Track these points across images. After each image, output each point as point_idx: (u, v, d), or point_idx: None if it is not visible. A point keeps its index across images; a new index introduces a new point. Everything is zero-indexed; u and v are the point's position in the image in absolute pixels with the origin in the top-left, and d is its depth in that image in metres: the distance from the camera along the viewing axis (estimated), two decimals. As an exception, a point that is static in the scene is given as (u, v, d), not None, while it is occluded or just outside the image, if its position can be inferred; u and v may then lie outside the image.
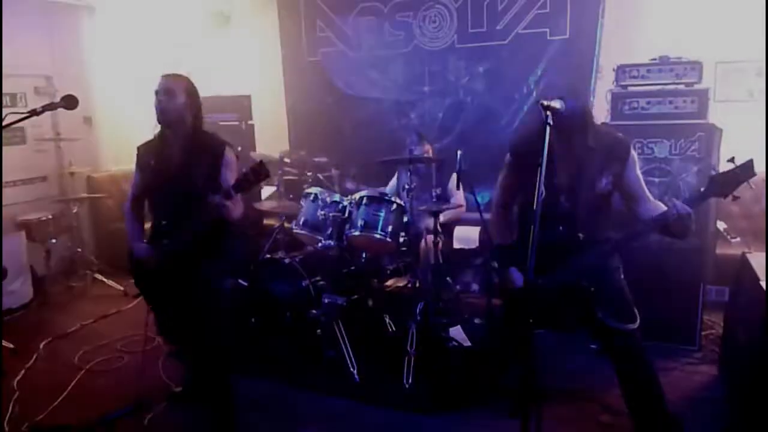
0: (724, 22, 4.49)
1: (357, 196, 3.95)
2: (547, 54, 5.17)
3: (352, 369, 3.47)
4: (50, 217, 5.17)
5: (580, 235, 2.48)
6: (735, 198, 2.22)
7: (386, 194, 4.07)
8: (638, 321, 2.49)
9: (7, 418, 3.15)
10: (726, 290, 3.90)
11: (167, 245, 2.80)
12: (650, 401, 2.53)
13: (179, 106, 2.79)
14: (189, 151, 2.82)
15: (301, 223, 4.08)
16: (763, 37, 4.21)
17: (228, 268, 3.50)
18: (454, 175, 3.75)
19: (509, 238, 2.75)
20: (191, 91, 2.85)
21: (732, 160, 2.20)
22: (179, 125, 2.82)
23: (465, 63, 5.52)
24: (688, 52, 3.69)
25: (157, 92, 2.79)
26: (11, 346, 4.01)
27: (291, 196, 5.06)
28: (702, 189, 2.30)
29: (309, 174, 5.15)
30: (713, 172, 2.31)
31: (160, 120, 2.81)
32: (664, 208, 2.36)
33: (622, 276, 2.58)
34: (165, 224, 2.85)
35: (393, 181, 4.80)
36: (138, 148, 3.01)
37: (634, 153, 2.51)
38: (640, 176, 2.54)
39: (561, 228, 2.50)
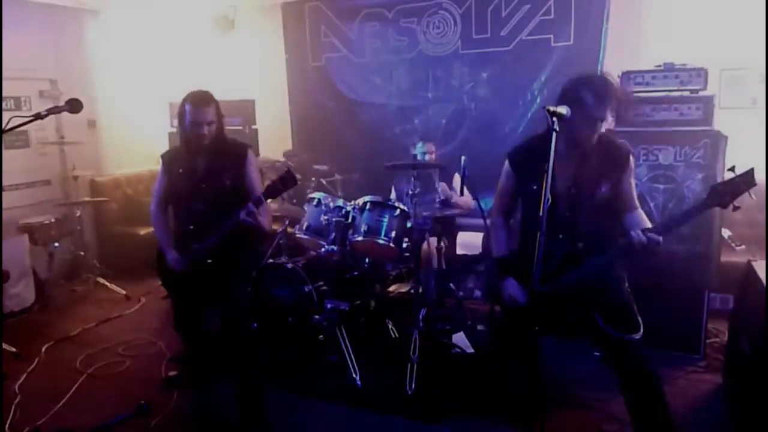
0: (728, 28, 4.49)
1: (360, 201, 3.95)
2: (551, 60, 5.19)
3: (354, 375, 3.46)
4: (53, 220, 5.17)
5: (580, 244, 2.45)
6: (736, 208, 2.18)
7: (390, 199, 4.06)
8: (641, 331, 2.46)
9: (8, 422, 3.14)
10: (730, 298, 3.88)
11: (198, 249, 2.95)
12: (654, 412, 2.48)
13: (216, 128, 2.96)
14: (216, 156, 3.00)
15: (304, 227, 4.07)
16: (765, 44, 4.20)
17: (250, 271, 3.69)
18: (457, 176, 3.73)
19: (508, 248, 2.72)
20: (218, 107, 2.97)
21: (732, 169, 2.17)
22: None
23: (469, 69, 5.55)
24: (693, 59, 3.68)
25: (198, 123, 2.88)
26: (13, 349, 4.00)
27: (294, 200, 5.06)
28: (703, 198, 2.26)
29: (312, 179, 5.16)
30: (714, 182, 2.30)
31: (203, 145, 2.94)
32: (647, 222, 2.37)
33: (627, 285, 2.55)
34: (193, 228, 2.99)
35: (392, 195, 4.79)
36: (162, 156, 3.19)
37: (632, 161, 2.48)
38: (633, 185, 2.51)
39: (560, 236, 2.46)
